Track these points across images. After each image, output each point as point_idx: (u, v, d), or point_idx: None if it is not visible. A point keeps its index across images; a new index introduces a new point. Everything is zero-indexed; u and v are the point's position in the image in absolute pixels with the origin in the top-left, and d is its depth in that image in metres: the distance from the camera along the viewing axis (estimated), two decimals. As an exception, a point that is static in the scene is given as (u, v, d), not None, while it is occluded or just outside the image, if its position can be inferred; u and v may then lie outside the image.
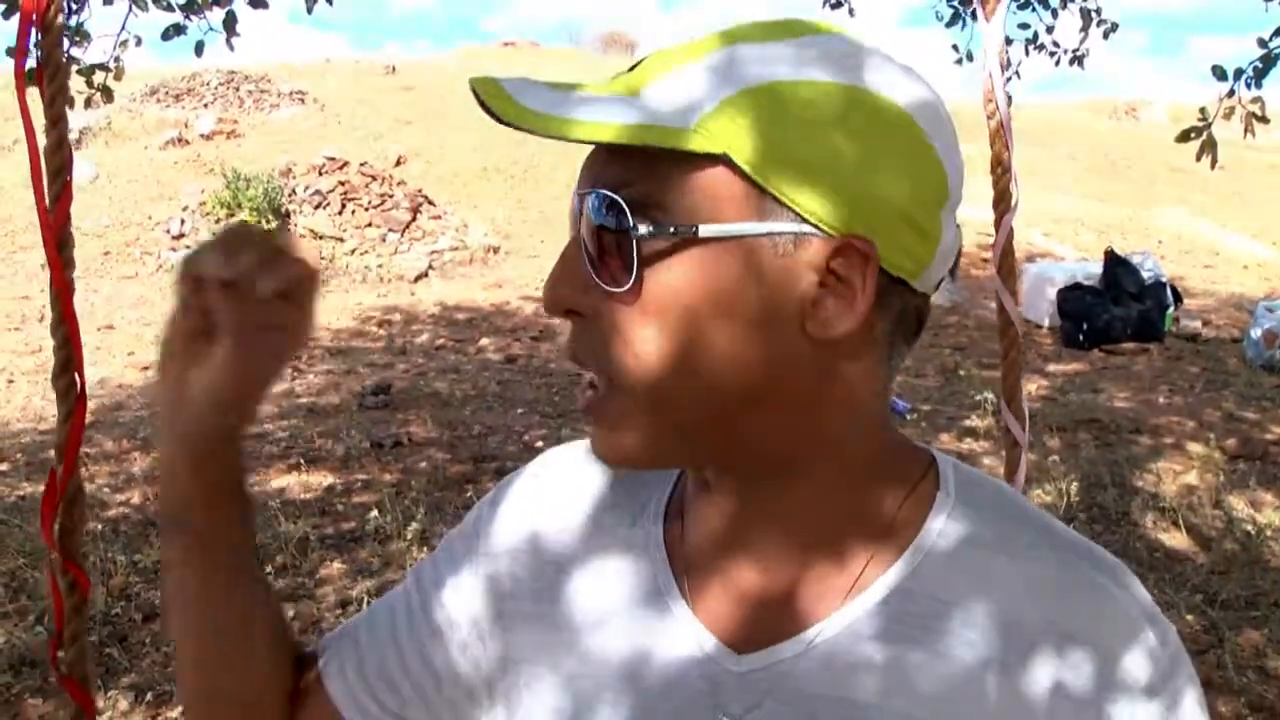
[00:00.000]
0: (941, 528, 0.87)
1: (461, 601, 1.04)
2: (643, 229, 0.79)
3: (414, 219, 14.85)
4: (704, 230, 0.78)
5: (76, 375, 1.54)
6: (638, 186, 0.79)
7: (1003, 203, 2.24)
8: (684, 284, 0.79)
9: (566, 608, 0.97)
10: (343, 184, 14.91)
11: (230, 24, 4.68)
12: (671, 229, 0.78)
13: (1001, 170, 2.23)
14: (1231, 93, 4.71)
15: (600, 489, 1.02)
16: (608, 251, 0.80)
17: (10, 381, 9.29)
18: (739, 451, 0.86)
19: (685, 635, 0.90)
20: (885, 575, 0.86)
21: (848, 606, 0.86)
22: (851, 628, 0.85)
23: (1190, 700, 0.84)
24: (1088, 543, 0.91)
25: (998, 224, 2.26)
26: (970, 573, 0.85)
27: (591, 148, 0.83)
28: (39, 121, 1.56)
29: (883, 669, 0.83)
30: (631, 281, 0.79)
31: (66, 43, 4.56)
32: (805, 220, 0.78)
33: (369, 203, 14.79)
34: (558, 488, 1.04)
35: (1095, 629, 0.83)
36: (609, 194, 0.79)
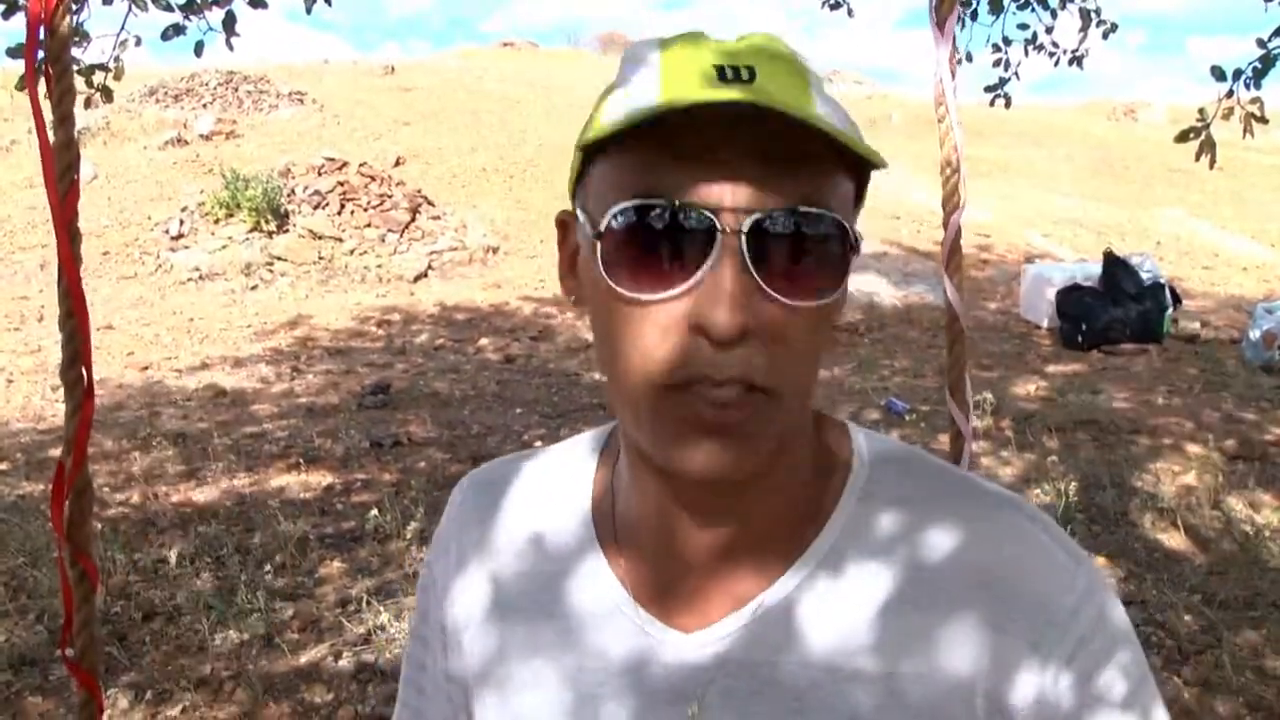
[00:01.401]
0: (861, 493, 0.92)
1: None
2: (857, 238, 0.82)
3: (413, 219, 14.85)
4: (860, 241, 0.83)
5: (84, 370, 1.55)
6: (826, 199, 0.79)
7: (951, 202, 2.38)
8: (846, 292, 0.85)
9: (512, 632, 0.99)
10: (342, 184, 14.91)
11: (230, 24, 4.68)
12: (860, 238, 0.83)
13: (951, 171, 2.37)
14: (1230, 93, 4.72)
15: (532, 505, 1.05)
16: (807, 267, 0.79)
17: (10, 381, 9.29)
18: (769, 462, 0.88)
19: (634, 628, 0.93)
20: (817, 543, 0.91)
21: (785, 578, 0.90)
22: (790, 596, 0.89)
23: (1113, 623, 0.88)
24: (1004, 491, 0.95)
25: (946, 222, 2.40)
26: (893, 532, 0.90)
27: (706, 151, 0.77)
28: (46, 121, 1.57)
29: (823, 631, 0.88)
30: (836, 295, 0.82)
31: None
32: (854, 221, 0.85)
33: (368, 203, 14.80)
34: (498, 511, 1.06)
35: (1017, 567, 0.87)
36: (829, 213, 0.78)
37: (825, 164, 0.78)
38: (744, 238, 0.76)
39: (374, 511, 5.70)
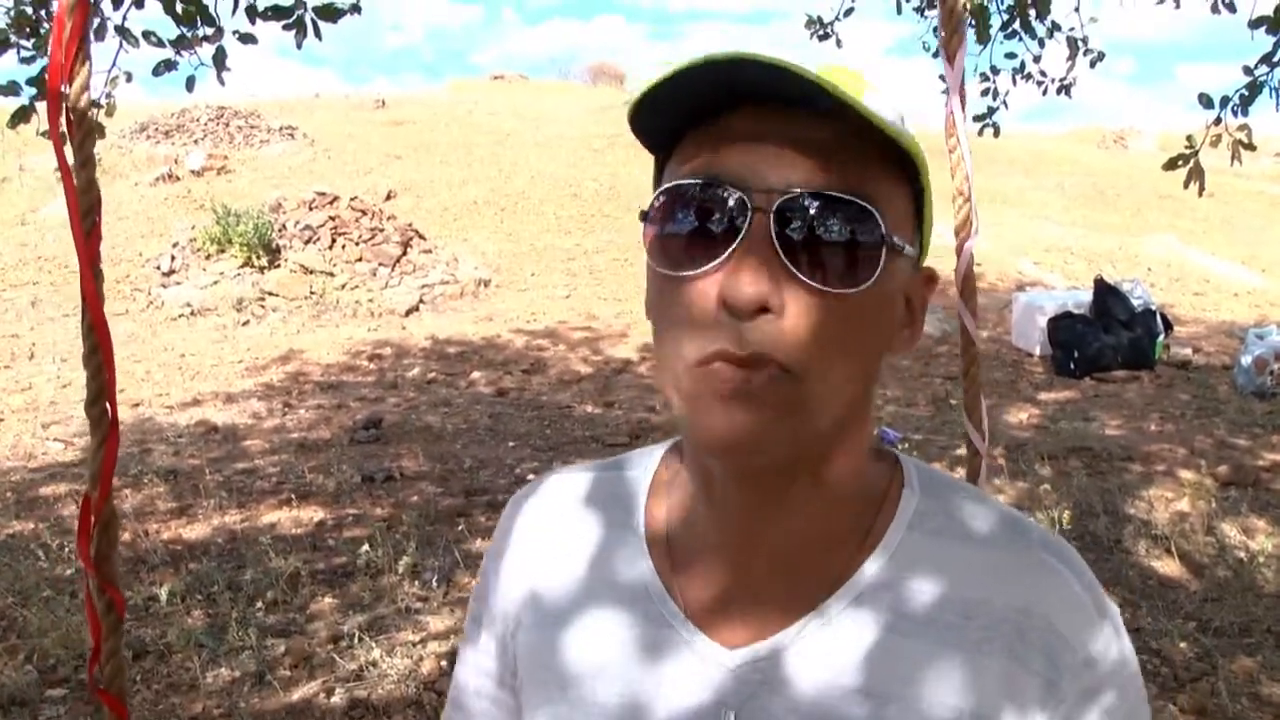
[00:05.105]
0: (911, 522, 0.95)
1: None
2: (896, 240, 0.83)
3: (404, 253, 14.86)
4: (908, 248, 0.86)
5: (109, 405, 1.65)
6: (865, 191, 0.81)
7: (964, 230, 2.49)
8: (886, 294, 0.86)
9: (570, 646, 1.00)
10: (333, 219, 14.92)
11: (220, 59, 4.69)
12: (901, 243, 0.84)
13: (963, 200, 2.46)
14: (1218, 120, 4.74)
15: (582, 519, 1.06)
16: (835, 253, 0.81)
17: (0, 420, 9.25)
18: (815, 460, 0.90)
19: (682, 639, 0.95)
20: (866, 567, 0.93)
21: (833, 599, 0.92)
22: (837, 619, 0.91)
23: (1128, 674, 0.93)
24: (1046, 533, 0.99)
25: (959, 250, 2.51)
26: (940, 562, 0.93)
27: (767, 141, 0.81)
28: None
29: (866, 656, 0.90)
30: (867, 286, 0.82)
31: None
32: (919, 251, 0.90)
33: (359, 237, 14.80)
34: (545, 529, 1.08)
35: (1048, 607, 0.91)
36: (861, 202, 0.81)
37: (870, 161, 0.82)
38: (772, 217, 0.79)
39: (366, 546, 5.68)
